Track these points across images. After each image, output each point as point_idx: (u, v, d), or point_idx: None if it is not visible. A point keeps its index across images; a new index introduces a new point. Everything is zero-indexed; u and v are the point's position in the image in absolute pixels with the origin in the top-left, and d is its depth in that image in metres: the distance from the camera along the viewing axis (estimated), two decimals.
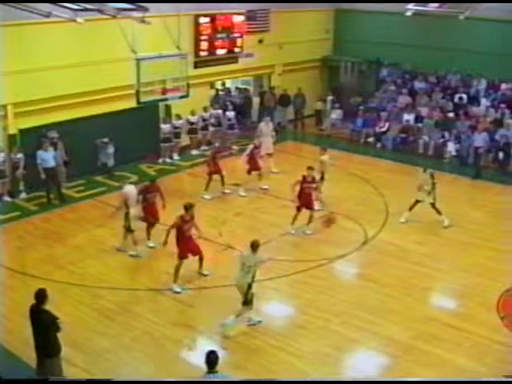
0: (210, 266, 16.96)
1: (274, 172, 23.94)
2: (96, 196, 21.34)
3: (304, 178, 18.80)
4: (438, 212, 19.36)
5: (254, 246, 13.80)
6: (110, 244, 17.94)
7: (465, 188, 23.29)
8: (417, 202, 19.47)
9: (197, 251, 16.08)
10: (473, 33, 28.93)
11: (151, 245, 17.81)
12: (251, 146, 22.22)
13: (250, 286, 13.76)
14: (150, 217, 17.70)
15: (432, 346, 13.43)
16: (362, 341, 13.75)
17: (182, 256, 15.74)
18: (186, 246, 15.85)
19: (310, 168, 18.99)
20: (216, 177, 21.82)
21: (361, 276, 16.99)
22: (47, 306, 10.88)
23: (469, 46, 28.81)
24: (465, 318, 14.56)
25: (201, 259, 16.28)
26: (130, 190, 17.42)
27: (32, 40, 20.00)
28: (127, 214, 17.22)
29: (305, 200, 18.92)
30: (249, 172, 22.16)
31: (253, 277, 13.76)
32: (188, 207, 15.85)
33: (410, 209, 19.60)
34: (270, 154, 24.00)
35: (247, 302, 13.84)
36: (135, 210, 17.30)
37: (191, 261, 16.83)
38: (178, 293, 15.69)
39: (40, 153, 20.52)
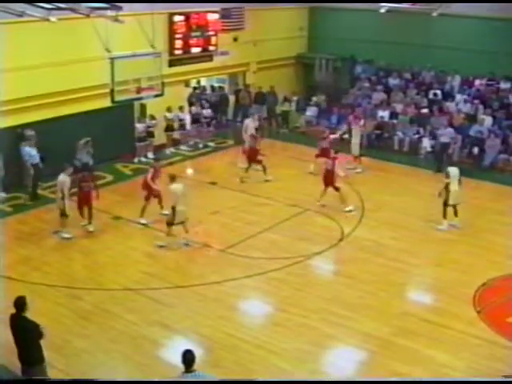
0: (186, 264, 17.01)
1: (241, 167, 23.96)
2: (72, 196, 21.21)
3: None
4: (445, 214, 19.19)
5: (173, 178, 17.35)
6: (84, 245, 17.87)
7: (440, 183, 23.38)
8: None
9: (160, 195, 19.15)
10: (447, 29, 29.13)
11: (84, 223, 18.74)
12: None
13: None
14: (83, 203, 18.53)
15: (409, 341, 13.49)
16: (339, 337, 13.79)
17: (148, 199, 19.05)
18: (154, 191, 18.91)
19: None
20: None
21: (338, 272, 17.05)
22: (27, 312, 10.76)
23: (443, 42, 29.01)
24: (441, 313, 14.65)
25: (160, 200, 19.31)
26: (64, 179, 17.89)
27: (6, 40, 19.77)
28: (62, 200, 17.90)
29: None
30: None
31: None
32: (158, 159, 20.90)
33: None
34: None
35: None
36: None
37: (167, 259, 16.94)
38: (144, 224, 18.72)
39: (28, 149, 20.62)
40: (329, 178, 20.20)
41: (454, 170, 19.05)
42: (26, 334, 10.65)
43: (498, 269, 16.69)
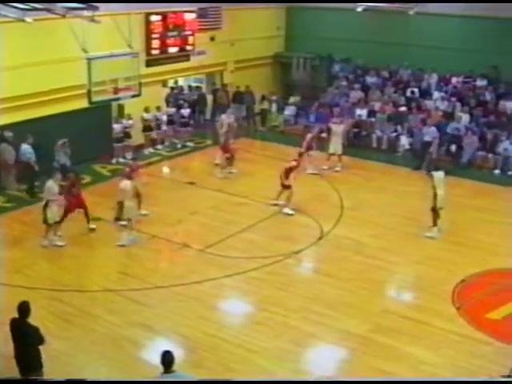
0: (165, 265, 16.99)
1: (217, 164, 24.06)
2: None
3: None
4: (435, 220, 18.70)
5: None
6: (64, 246, 17.71)
7: (418, 181, 23.54)
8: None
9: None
10: (423, 28, 29.30)
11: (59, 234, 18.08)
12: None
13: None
14: (74, 208, 18.26)
15: (389, 339, 13.56)
16: (320, 335, 13.83)
17: None
18: None
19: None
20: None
21: (317, 271, 17.10)
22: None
23: (420, 40, 29.15)
24: (421, 310, 14.75)
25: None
26: (52, 185, 17.51)
27: None
28: (45, 207, 17.41)
29: None
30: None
31: None
32: (135, 159, 20.63)
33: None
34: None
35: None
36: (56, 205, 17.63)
37: (147, 260, 16.90)
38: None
39: (26, 147, 20.68)
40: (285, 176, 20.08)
41: (439, 174, 18.68)
42: (29, 339, 10.59)
43: (476, 265, 16.85)
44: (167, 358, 9.34)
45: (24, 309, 10.62)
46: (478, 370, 12.55)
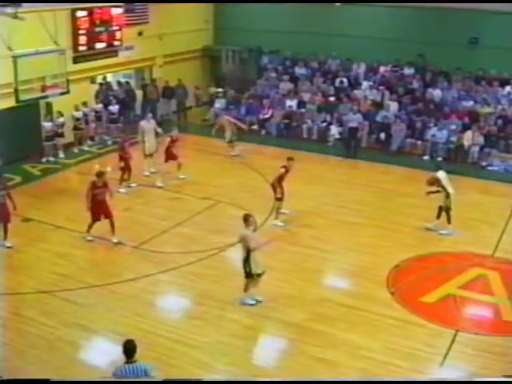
0: (100, 263, 16.82)
1: (152, 172, 22.92)
2: None
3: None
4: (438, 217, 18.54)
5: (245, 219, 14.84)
6: None
7: (349, 169, 23.86)
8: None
9: (109, 215, 17.56)
10: (350, 18, 29.72)
11: (8, 245, 17.40)
12: (168, 139, 22.15)
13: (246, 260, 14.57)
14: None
15: (327, 327, 13.74)
16: (258, 327, 13.93)
17: (95, 218, 17.50)
18: (99, 208, 17.43)
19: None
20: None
21: None
22: None
23: (347, 30, 29.53)
24: (357, 297, 14.97)
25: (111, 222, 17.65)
26: None
27: None
28: None
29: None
30: (166, 161, 22.06)
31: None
32: (99, 174, 17.51)
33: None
34: (151, 155, 22.97)
35: (248, 274, 14.55)
36: None
37: (81, 259, 16.69)
38: (90, 241, 17.59)
39: None
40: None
41: (443, 174, 18.36)
42: None
43: (409, 250, 17.20)
44: (128, 348, 9.39)
45: None
46: (413, 353, 12.88)
